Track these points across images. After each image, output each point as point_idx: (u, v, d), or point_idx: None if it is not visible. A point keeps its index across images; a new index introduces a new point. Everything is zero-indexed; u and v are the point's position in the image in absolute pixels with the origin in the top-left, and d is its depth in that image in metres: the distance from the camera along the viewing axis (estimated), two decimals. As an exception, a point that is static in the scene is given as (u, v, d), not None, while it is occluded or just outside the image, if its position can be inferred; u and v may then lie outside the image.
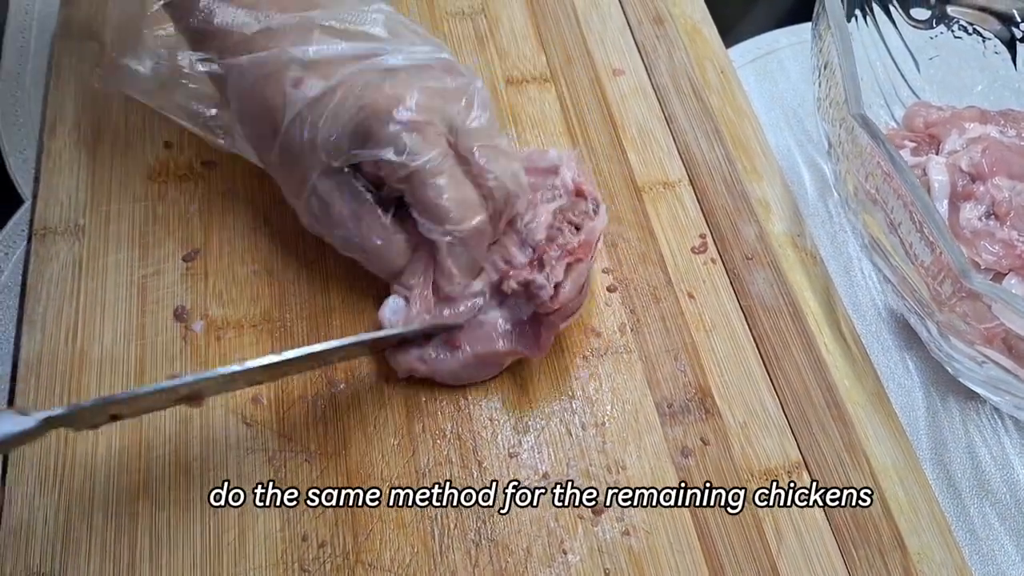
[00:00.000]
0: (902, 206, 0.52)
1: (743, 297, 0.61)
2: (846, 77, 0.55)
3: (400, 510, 0.51)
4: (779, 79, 0.77)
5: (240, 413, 0.53)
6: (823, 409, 0.57)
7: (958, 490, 0.58)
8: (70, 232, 0.59)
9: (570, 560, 0.50)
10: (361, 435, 0.53)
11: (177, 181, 0.62)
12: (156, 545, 0.49)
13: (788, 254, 0.64)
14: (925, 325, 0.57)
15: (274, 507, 0.50)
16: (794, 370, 0.58)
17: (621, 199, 0.64)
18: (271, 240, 0.59)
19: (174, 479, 0.51)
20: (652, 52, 0.73)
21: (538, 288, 0.51)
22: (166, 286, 0.57)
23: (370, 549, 0.49)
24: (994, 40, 0.71)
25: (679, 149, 0.67)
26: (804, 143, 0.73)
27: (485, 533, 0.51)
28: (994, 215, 0.60)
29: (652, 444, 0.54)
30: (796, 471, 0.54)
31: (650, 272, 0.61)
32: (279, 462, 0.52)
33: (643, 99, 0.70)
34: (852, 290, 0.66)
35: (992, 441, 0.60)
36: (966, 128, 0.65)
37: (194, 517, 0.50)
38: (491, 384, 0.55)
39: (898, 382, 0.62)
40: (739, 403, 0.56)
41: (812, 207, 0.70)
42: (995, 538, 0.57)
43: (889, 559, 0.52)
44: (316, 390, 0.54)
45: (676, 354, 0.58)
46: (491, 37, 0.71)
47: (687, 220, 0.64)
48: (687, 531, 0.52)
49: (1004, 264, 0.59)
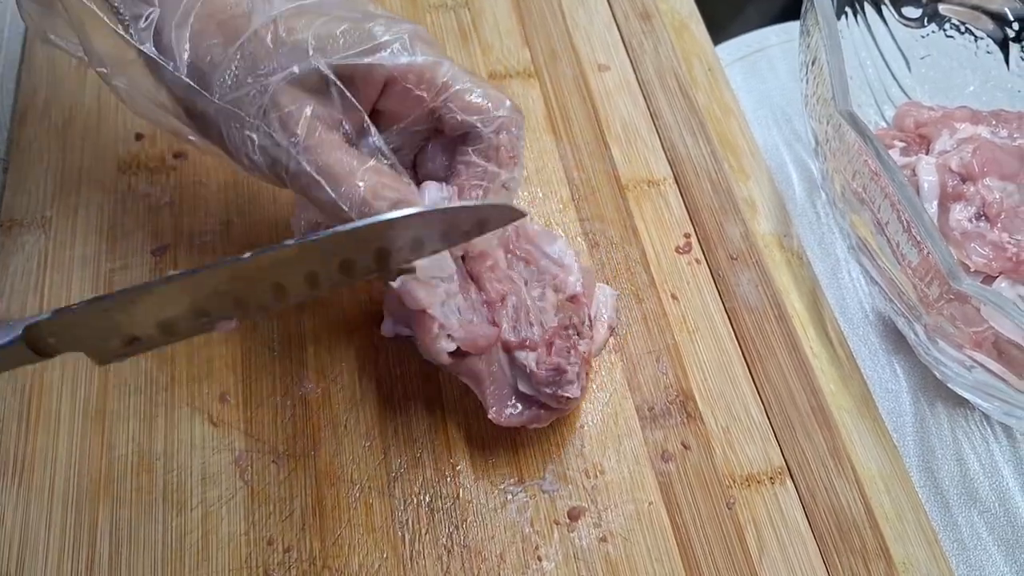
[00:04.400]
0: (889, 205, 0.51)
1: (727, 298, 0.59)
2: (833, 73, 0.54)
3: (370, 514, 0.49)
4: (768, 77, 0.75)
5: (206, 412, 0.51)
6: (808, 414, 0.55)
7: (946, 498, 0.57)
8: (36, 224, 0.57)
9: (545, 567, 0.49)
10: (331, 436, 0.51)
11: (148, 173, 0.60)
12: (116, 545, 0.47)
13: (774, 255, 0.63)
14: (913, 328, 0.56)
15: (239, 509, 0.49)
16: (778, 374, 0.56)
17: (604, 197, 0.63)
18: (243, 234, 0.58)
19: (136, 479, 0.49)
20: (638, 48, 0.71)
21: (567, 383, 0.48)
22: (134, 280, 0.55)
23: (337, 555, 0.48)
24: (986, 39, 0.69)
25: (664, 147, 0.66)
26: (792, 142, 0.71)
27: (457, 539, 0.49)
28: (984, 216, 0.59)
29: (631, 448, 0.53)
30: (779, 477, 0.53)
31: (632, 272, 0.60)
32: (246, 462, 0.50)
33: (628, 95, 0.69)
34: (839, 292, 0.64)
35: (981, 448, 0.59)
36: (957, 128, 0.64)
37: (156, 518, 0.48)
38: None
39: (885, 387, 0.61)
40: (722, 407, 0.55)
41: (800, 207, 0.68)
42: (983, 548, 0.55)
43: (873, 568, 0.51)
44: (286, 389, 0.53)
45: (658, 356, 0.56)
46: (474, 31, 0.70)
47: (671, 219, 0.63)
48: (666, 537, 0.50)
49: (994, 267, 0.57)
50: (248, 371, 0.53)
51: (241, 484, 0.50)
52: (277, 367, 0.53)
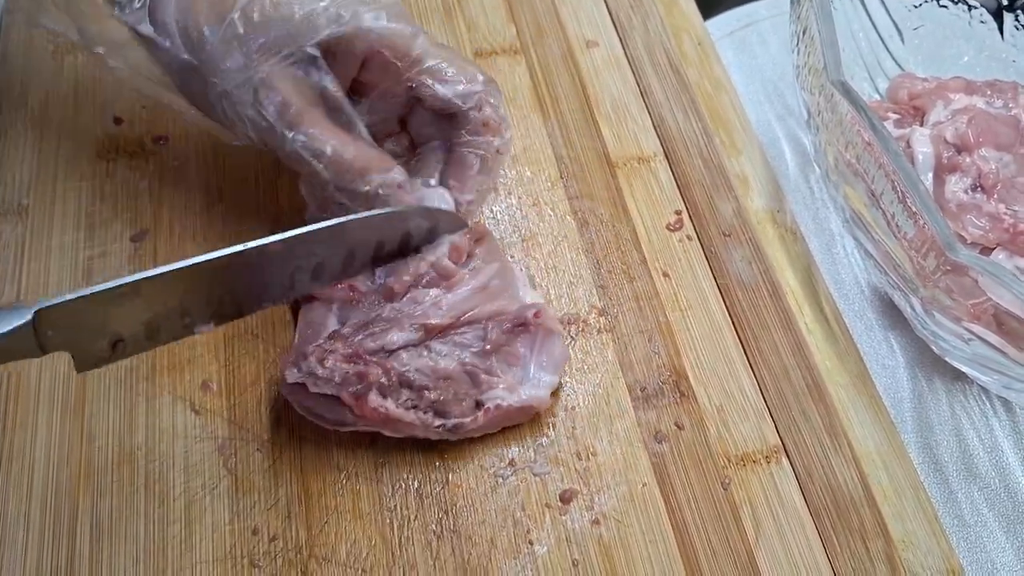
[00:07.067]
0: (883, 176, 0.50)
1: (720, 275, 0.58)
2: (825, 43, 0.53)
3: (357, 501, 0.48)
4: (759, 52, 0.74)
5: (189, 400, 0.50)
6: (803, 391, 0.54)
7: (945, 475, 0.56)
8: (13, 212, 0.56)
9: (537, 551, 0.48)
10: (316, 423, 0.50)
11: (127, 158, 0.59)
12: (97, 538, 0.46)
13: (767, 231, 0.62)
14: (909, 302, 0.55)
15: (223, 498, 0.47)
16: (773, 351, 0.55)
17: (594, 175, 0.62)
18: (224, 219, 0.57)
19: (117, 470, 0.48)
20: (627, 23, 0.70)
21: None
22: (113, 268, 0.54)
23: (324, 543, 0.47)
24: (980, 9, 0.68)
25: (654, 123, 0.65)
26: (785, 117, 0.70)
27: (447, 524, 0.48)
28: (981, 188, 0.57)
29: (624, 429, 0.52)
30: (775, 456, 0.52)
31: (623, 250, 0.59)
32: (229, 451, 0.49)
33: (617, 72, 0.67)
34: (834, 268, 0.63)
35: (980, 423, 0.58)
36: (951, 99, 0.63)
37: (137, 509, 0.47)
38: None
39: (882, 363, 0.60)
40: (715, 385, 0.54)
41: (793, 182, 0.67)
42: (984, 524, 0.54)
43: (872, 546, 0.50)
44: (270, 375, 0.52)
45: (650, 335, 0.55)
46: (459, 8, 0.69)
47: (662, 196, 0.61)
48: (660, 519, 0.49)
49: (991, 238, 0.56)
50: (231, 358, 0.52)
51: (225, 473, 0.48)
52: (260, 353, 0.52)
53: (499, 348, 0.50)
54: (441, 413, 0.48)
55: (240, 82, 0.46)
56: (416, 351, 0.49)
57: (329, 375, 0.46)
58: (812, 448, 0.52)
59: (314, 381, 0.46)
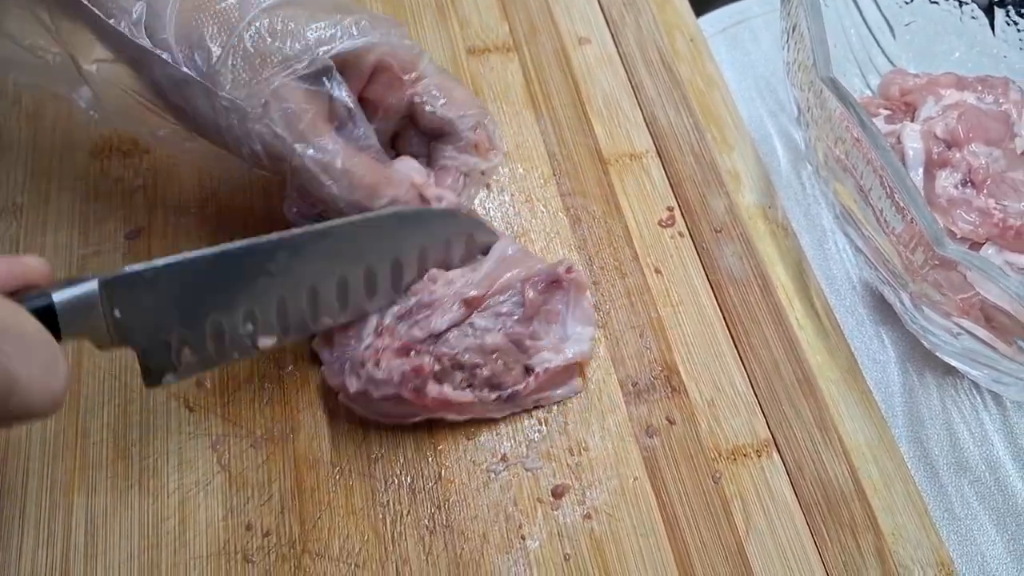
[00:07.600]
0: (872, 171, 0.50)
1: (712, 271, 0.58)
2: (814, 39, 0.53)
3: (350, 496, 0.48)
4: (751, 49, 0.74)
5: (183, 397, 0.51)
6: (793, 386, 0.54)
7: (935, 468, 0.56)
8: (7, 211, 0.56)
9: (529, 546, 0.48)
10: (310, 419, 0.51)
11: (121, 156, 0.59)
12: (92, 535, 0.46)
13: (759, 226, 0.62)
14: (899, 297, 0.55)
15: (217, 494, 0.48)
16: (764, 346, 0.56)
17: (586, 171, 0.62)
18: (218, 217, 0.57)
19: (111, 466, 0.48)
20: (619, 20, 0.70)
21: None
22: (107, 265, 0.55)
23: (317, 538, 0.47)
24: (971, 5, 0.68)
25: (646, 120, 0.65)
26: (777, 113, 0.70)
27: (440, 519, 0.48)
28: (971, 183, 0.58)
29: (615, 424, 0.52)
30: (765, 450, 0.52)
31: (615, 246, 0.59)
32: (223, 447, 0.49)
33: (610, 69, 0.67)
34: (825, 263, 0.63)
35: (971, 417, 0.58)
36: (942, 95, 0.63)
37: (132, 505, 0.47)
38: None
39: (873, 357, 0.60)
40: (706, 380, 0.54)
41: (785, 178, 0.67)
42: (974, 517, 0.55)
43: (862, 540, 0.50)
44: (264, 372, 0.52)
45: (642, 331, 0.56)
46: (452, 5, 0.69)
47: (654, 192, 0.62)
48: (651, 513, 0.49)
49: (981, 233, 0.56)
50: (225, 355, 0.52)
51: (219, 469, 0.49)
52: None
53: (538, 308, 0.51)
54: (495, 386, 0.50)
55: (248, 95, 0.45)
56: (461, 331, 0.49)
57: (388, 376, 0.47)
58: (803, 442, 0.53)
59: (376, 386, 0.47)
